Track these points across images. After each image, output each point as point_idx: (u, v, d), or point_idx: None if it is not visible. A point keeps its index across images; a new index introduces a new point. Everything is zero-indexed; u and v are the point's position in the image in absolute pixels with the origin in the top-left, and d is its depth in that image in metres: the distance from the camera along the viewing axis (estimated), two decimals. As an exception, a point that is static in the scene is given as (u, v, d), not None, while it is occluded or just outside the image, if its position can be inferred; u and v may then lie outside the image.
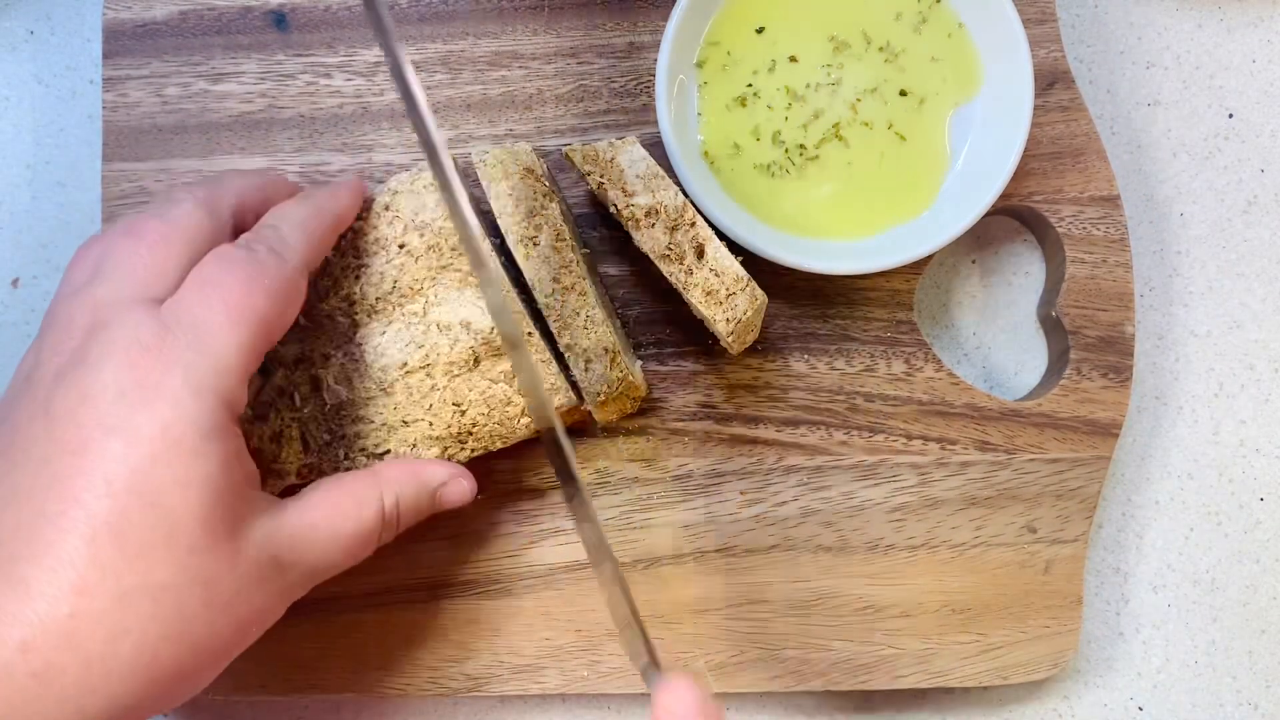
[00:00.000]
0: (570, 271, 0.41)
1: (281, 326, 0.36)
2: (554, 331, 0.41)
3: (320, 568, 0.36)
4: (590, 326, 0.41)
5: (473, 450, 0.42)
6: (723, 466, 0.45)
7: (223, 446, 0.33)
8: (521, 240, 0.41)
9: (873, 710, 0.47)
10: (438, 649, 0.44)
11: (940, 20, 0.45)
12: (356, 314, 0.41)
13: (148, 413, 0.32)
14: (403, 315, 0.41)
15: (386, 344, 0.41)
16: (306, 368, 0.41)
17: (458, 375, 0.41)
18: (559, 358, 0.42)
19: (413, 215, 0.42)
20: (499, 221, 0.41)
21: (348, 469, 0.41)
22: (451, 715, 0.47)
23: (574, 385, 0.42)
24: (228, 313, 0.34)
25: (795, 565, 0.45)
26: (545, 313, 0.41)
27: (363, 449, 0.41)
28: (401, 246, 0.42)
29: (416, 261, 0.41)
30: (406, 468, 0.39)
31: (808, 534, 0.45)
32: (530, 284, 0.41)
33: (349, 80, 0.47)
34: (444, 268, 0.41)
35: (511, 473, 0.45)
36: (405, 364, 0.41)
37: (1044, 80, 0.47)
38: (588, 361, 0.41)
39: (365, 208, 0.42)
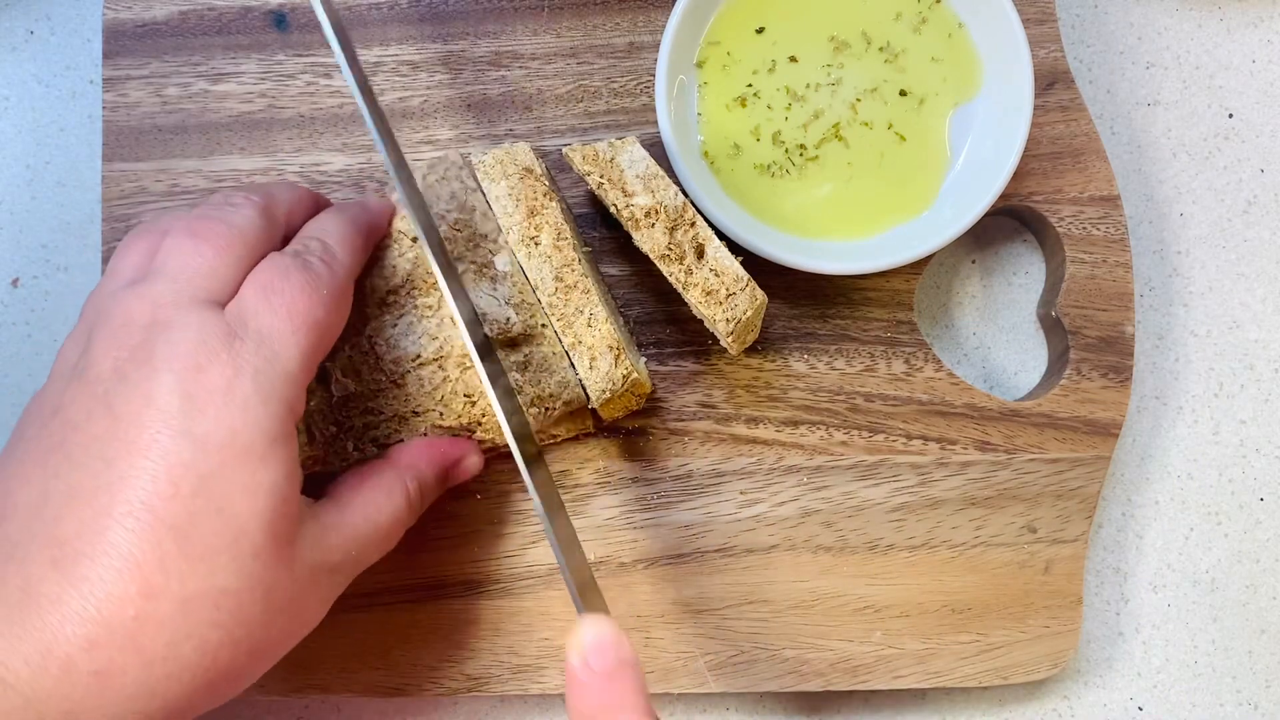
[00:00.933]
0: (572, 270, 0.41)
1: (334, 336, 0.37)
2: (557, 330, 0.41)
3: (360, 563, 0.37)
4: (594, 324, 0.41)
5: (480, 440, 0.42)
6: (723, 466, 0.45)
7: (287, 454, 0.33)
8: (523, 240, 0.41)
9: (873, 710, 0.47)
10: (438, 649, 0.44)
11: (940, 20, 0.45)
12: (367, 307, 0.41)
13: (216, 418, 0.32)
14: (416, 308, 0.41)
15: (399, 336, 0.41)
16: None
17: (469, 367, 0.41)
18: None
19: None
20: (499, 221, 0.41)
21: (356, 459, 0.41)
22: (451, 715, 0.47)
23: (580, 385, 0.42)
24: (291, 320, 0.34)
25: (795, 565, 0.45)
26: (549, 311, 0.41)
27: (373, 439, 0.41)
28: (414, 240, 0.42)
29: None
30: (419, 450, 0.40)
31: (808, 534, 0.45)
32: (532, 283, 0.41)
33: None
34: (458, 259, 0.41)
35: (511, 472, 0.45)
36: (418, 356, 0.41)
37: (1044, 80, 0.47)
38: (593, 359, 0.41)
39: None
